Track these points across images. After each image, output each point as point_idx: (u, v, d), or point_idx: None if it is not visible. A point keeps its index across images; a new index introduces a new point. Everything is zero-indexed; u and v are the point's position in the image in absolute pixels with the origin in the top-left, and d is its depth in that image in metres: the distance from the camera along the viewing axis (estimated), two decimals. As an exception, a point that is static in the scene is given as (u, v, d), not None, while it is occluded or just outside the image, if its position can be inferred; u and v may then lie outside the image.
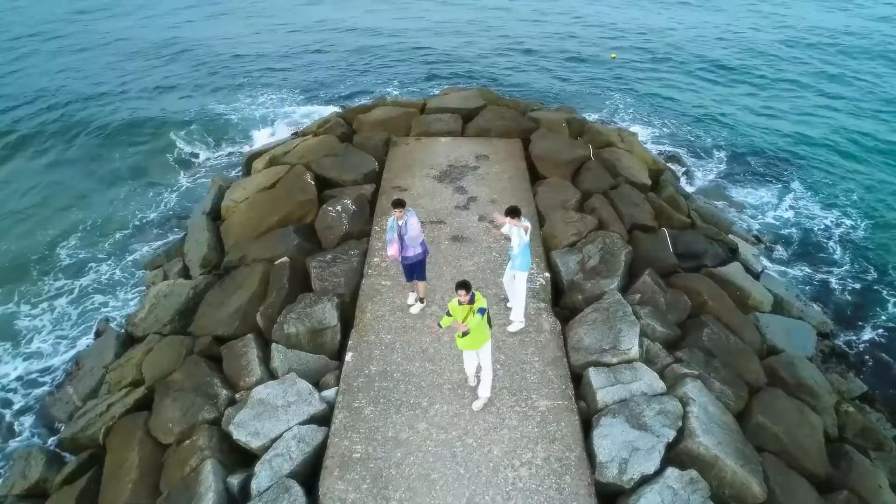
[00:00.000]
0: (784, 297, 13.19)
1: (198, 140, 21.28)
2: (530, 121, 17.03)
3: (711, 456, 8.10)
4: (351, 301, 10.99)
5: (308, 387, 9.17)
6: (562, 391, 9.17)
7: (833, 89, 24.90)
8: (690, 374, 9.36)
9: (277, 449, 8.27)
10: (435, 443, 8.37)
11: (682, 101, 24.04)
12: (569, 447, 8.33)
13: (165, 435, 9.19)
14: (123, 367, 11.30)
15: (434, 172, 14.73)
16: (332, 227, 12.68)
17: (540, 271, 11.61)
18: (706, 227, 14.59)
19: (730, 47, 29.81)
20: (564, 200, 13.52)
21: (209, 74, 27.25)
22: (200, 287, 12.35)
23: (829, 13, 34.81)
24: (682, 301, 11.31)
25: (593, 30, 33.77)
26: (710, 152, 20.18)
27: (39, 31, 33.05)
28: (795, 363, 10.82)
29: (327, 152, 15.31)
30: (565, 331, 10.38)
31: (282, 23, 35.54)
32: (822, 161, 19.66)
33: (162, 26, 33.35)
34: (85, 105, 23.92)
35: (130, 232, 16.69)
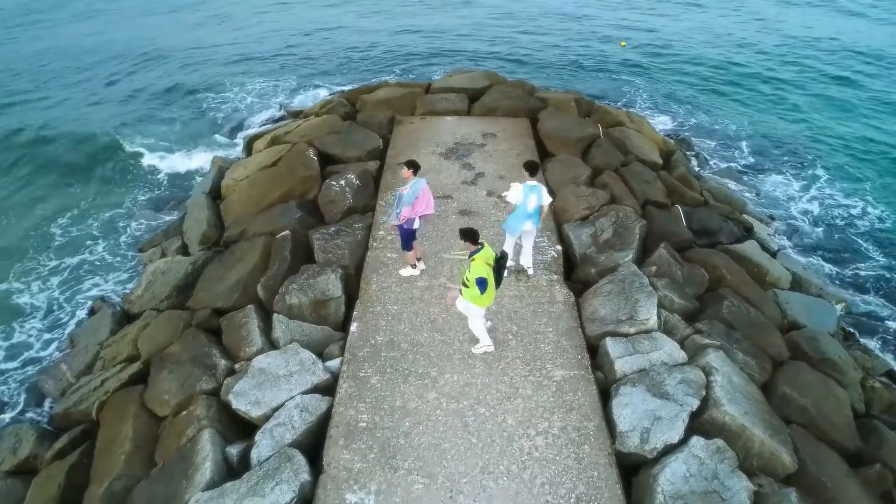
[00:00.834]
0: (802, 276, 12.77)
1: (196, 125, 20.90)
2: (538, 100, 16.64)
3: (738, 425, 7.66)
4: (356, 273, 10.57)
5: (311, 356, 8.74)
6: (577, 361, 8.74)
7: (850, 82, 24.55)
8: (712, 345, 8.93)
9: (279, 418, 7.83)
10: (445, 412, 7.93)
11: (692, 90, 23.64)
12: (587, 417, 7.90)
13: (161, 407, 8.75)
14: (119, 342, 10.86)
15: (440, 149, 14.32)
16: (335, 201, 12.26)
17: (551, 244, 11.19)
18: (720, 206, 14.18)
19: (742, 42, 29.49)
20: (575, 176, 13.12)
21: (207, 64, 26.88)
22: (199, 262, 11.92)
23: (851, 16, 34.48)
24: (699, 274, 10.88)
25: (603, 16, 33.47)
26: (721, 139, 19.76)
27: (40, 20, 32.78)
28: (818, 338, 10.39)
29: (330, 130, 14.91)
30: (579, 303, 9.95)
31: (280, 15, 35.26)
32: (839, 150, 19.23)
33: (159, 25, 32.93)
34: (76, 91, 23.59)
35: (126, 213, 16.24)
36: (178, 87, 23.98)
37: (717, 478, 7.07)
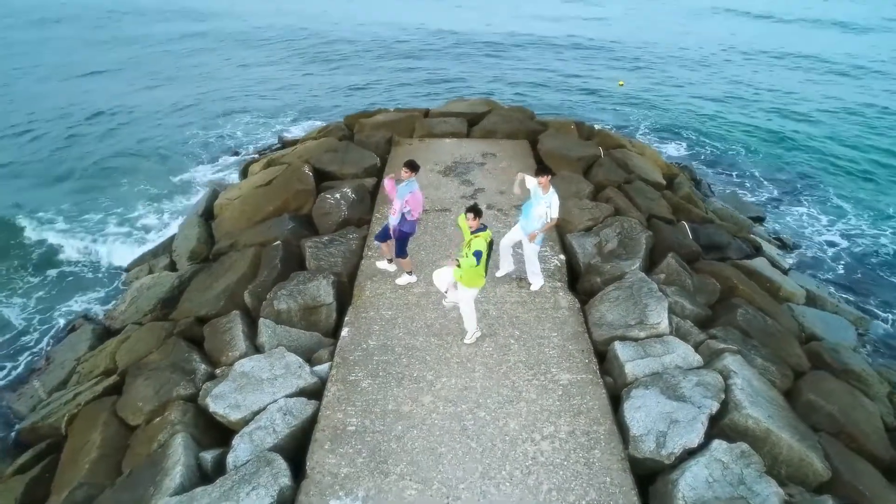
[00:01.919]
0: (817, 293, 12.23)
1: (193, 155, 20.70)
2: (538, 124, 16.49)
3: (763, 430, 6.99)
4: (349, 281, 10.05)
5: (298, 360, 8.12)
6: (585, 365, 8.11)
7: (852, 110, 24.63)
8: (729, 349, 8.32)
9: (260, 422, 7.16)
10: (442, 416, 7.27)
11: (692, 122, 23.64)
12: (596, 421, 7.23)
13: (134, 415, 8.06)
14: (96, 356, 10.24)
15: (439, 167, 14.02)
16: (329, 213, 11.85)
17: (554, 253, 10.71)
18: (727, 225, 13.75)
19: (741, 73, 29.84)
20: (577, 191, 12.74)
21: (201, 93, 27.04)
22: (186, 276, 11.41)
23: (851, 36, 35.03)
24: (710, 283, 10.36)
25: (600, 54, 34.02)
26: (723, 167, 19.56)
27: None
28: (840, 350, 9.78)
29: (327, 150, 14.65)
30: (585, 310, 9.39)
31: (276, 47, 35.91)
32: (842, 179, 19.00)
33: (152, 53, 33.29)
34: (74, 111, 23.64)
35: (115, 238, 15.77)
36: (178, 120, 24.00)
37: (744, 483, 6.37)
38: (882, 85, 27.95)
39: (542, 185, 8.90)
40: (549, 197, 8.88)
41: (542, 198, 8.90)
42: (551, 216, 8.90)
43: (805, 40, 35.44)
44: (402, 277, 9.82)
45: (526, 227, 9.21)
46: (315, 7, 45.85)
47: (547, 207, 8.86)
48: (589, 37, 37.30)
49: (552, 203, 8.88)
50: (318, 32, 37.89)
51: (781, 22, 41.53)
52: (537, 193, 8.98)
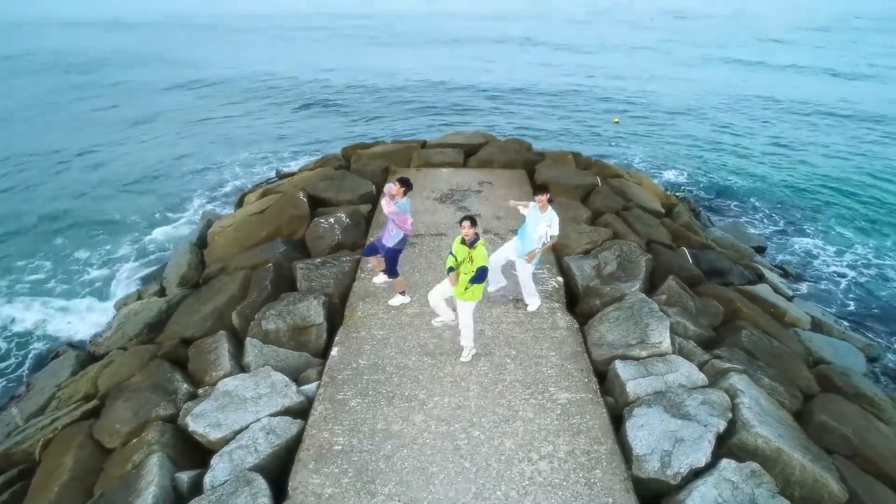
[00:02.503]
0: (822, 320, 11.90)
1: (189, 189, 20.67)
2: (535, 155, 16.47)
3: (773, 449, 6.60)
4: (340, 302, 9.76)
5: (284, 379, 7.77)
6: (584, 384, 7.75)
7: (849, 146, 24.76)
8: (735, 368, 7.97)
9: (241, 441, 6.77)
10: (434, 435, 6.88)
11: (691, 156, 23.73)
12: (597, 440, 6.83)
13: (111, 438, 7.65)
14: (77, 382, 9.85)
15: (435, 195, 13.89)
16: (323, 237, 11.65)
17: (552, 276, 10.45)
18: (728, 252, 13.54)
19: (735, 106, 30.17)
20: (575, 216, 12.57)
21: (200, 132, 27.26)
22: (175, 300, 11.11)
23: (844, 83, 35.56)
24: (712, 306, 10.06)
25: (596, 91, 34.48)
26: (723, 200, 19.48)
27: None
28: (850, 373, 9.41)
29: (324, 178, 14.57)
30: (584, 330, 9.07)
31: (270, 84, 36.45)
32: (844, 211, 18.89)
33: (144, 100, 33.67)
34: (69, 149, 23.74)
35: (109, 270, 15.53)
36: (172, 160, 24.05)
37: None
38: (876, 128, 28.17)
39: (542, 203, 8.70)
40: (549, 215, 8.68)
41: (541, 217, 8.68)
42: (552, 234, 8.69)
43: (799, 87, 35.99)
44: (395, 298, 9.55)
45: (522, 250, 8.98)
46: (313, 56, 46.87)
47: (547, 226, 8.65)
48: (585, 81, 37.91)
49: (552, 221, 8.67)
50: (318, 79, 38.49)
51: (775, 69, 42.31)
52: (536, 213, 8.78)
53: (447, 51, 50.42)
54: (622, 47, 52.64)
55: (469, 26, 68.07)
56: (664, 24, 73.22)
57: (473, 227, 7.36)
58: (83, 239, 17.26)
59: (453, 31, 64.06)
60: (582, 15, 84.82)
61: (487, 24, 71.19)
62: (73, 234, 17.51)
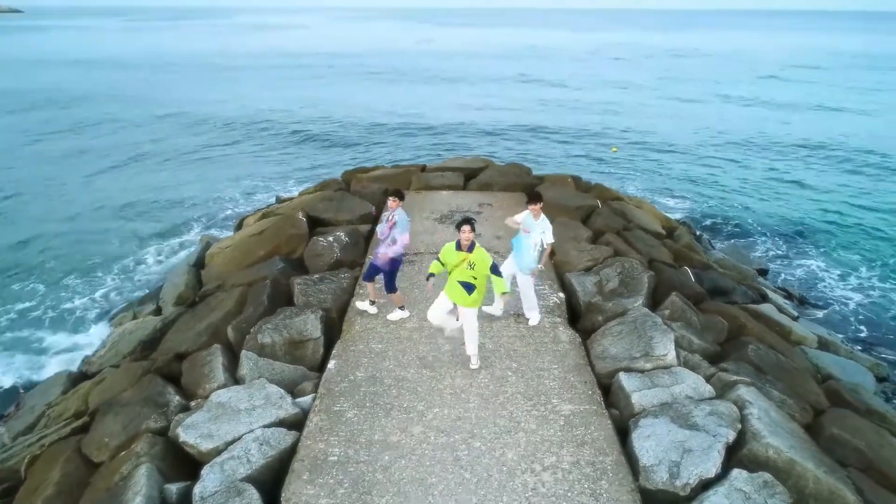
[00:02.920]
0: (829, 339, 11.70)
1: (189, 214, 20.66)
2: (535, 178, 16.49)
3: (785, 460, 6.35)
4: (338, 317, 9.59)
5: (279, 391, 7.55)
6: (588, 396, 7.54)
7: (850, 172, 24.87)
8: (742, 381, 7.76)
9: (233, 451, 6.53)
10: (433, 446, 6.64)
11: (687, 184, 23.80)
12: (602, 451, 6.59)
13: (99, 451, 7.39)
14: (68, 399, 9.61)
15: (435, 216, 13.84)
16: (321, 255, 11.54)
17: (553, 291, 10.30)
18: (731, 273, 13.40)
19: (732, 139, 30.38)
20: (576, 236, 12.49)
21: (199, 162, 27.40)
22: (170, 318, 10.95)
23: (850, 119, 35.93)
24: (717, 322, 9.88)
25: (593, 125, 34.80)
26: (723, 224, 19.44)
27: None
28: (860, 390, 9.18)
29: (323, 199, 14.55)
30: (586, 344, 8.88)
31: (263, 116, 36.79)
32: (848, 236, 18.81)
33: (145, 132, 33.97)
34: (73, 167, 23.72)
35: (106, 295, 15.35)
36: (172, 186, 24.12)
37: (770, 514, 5.68)
38: (871, 160, 28.33)
39: (534, 212, 8.69)
40: (542, 223, 8.66)
41: (534, 225, 8.65)
42: (546, 242, 8.61)
43: (793, 121, 36.37)
44: (394, 313, 9.40)
45: (519, 262, 8.91)
46: (313, 92, 47.51)
47: (541, 234, 8.60)
48: (584, 116, 38.37)
49: (546, 229, 8.63)
50: (318, 114, 38.89)
51: (770, 105, 42.86)
52: (530, 221, 8.74)
53: (446, 87, 51.14)
54: (620, 84, 53.48)
55: (468, 64, 69.24)
56: (661, 63, 74.57)
57: (473, 231, 7.29)
58: (79, 264, 17.08)
59: (451, 69, 65.04)
60: (581, 54, 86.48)
61: (486, 62, 72.49)
62: (69, 260, 17.34)
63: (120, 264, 16.95)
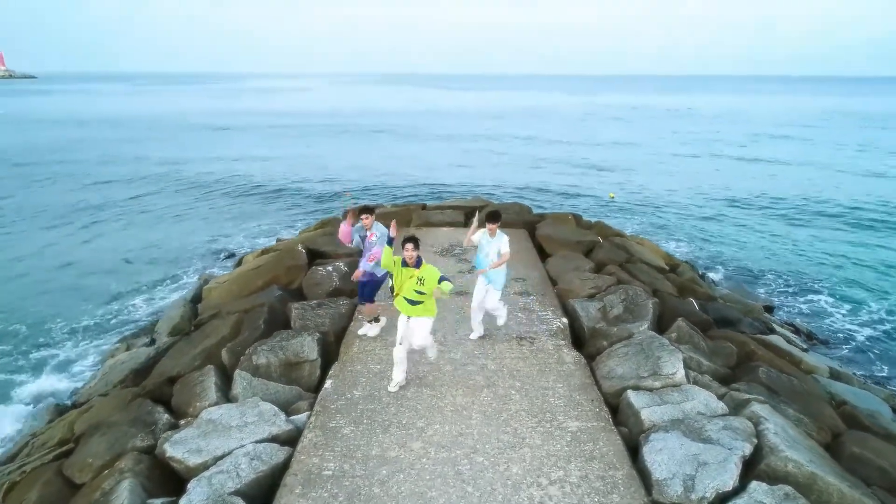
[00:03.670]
0: (841, 371, 11.35)
1: (190, 255, 20.57)
2: (536, 216, 16.48)
3: (806, 474, 6.00)
4: (336, 341, 9.33)
5: (273, 408, 7.24)
6: (595, 413, 7.22)
7: (853, 210, 24.89)
8: (756, 399, 7.46)
9: (222, 466, 6.18)
10: (433, 461, 6.30)
11: (687, 226, 23.82)
12: (612, 465, 6.24)
13: (82, 472, 7.01)
14: (54, 428, 9.24)
15: (435, 249, 13.75)
16: (320, 283, 11.38)
17: (556, 317, 10.07)
18: (737, 306, 13.17)
19: (730, 194, 30.58)
20: (577, 266, 12.35)
21: (198, 207, 27.50)
22: (164, 347, 10.67)
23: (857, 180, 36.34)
24: (726, 347, 9.60)
25: (591, 171, 35.14)
26: (725, 264, 19.30)
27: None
28: (877, 416, 8.81)
29: (323, 234, 14.48)
30: (592, 366, 8.60)
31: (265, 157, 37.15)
32: (855, 273, 18.67)
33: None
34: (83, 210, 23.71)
35: (101, 327, 15.08)
36: (178, 228, 24.15)
37: (794, 527, 5.31)
38: (867, 214, 28.51)
39: (491, 231, 8.73)
40: (499, 238, 8.71)
41: (491, 241, 8.73)
42: (502, 251, 8.64)
43: (792, 178, 36.70)
44: (364, 327, 9.29)
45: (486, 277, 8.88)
46: (310, 150, 48.27)
47: (498, 246, 8.66)
48: (582, 168, 38.92)
49: (502, 241, 8.68)
50: (317, 173, 39.38)
51: (767, 161, 43.49)
52: (486, 239, 8.80)
53: (443, 144, 51.87)
54: (616, 140, 54.48)
55: (465, 123, 70.59)
56: (656, 121, 76.27)
57: (416, 249, 7.27)
58: (72, 307, 16.81)
59: (449, 127, 66.16)
60: (578, 114, 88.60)
61: (483, 121, 73.98)
62: (62, 305, 17.06)
63: (117, 305, 16.67)
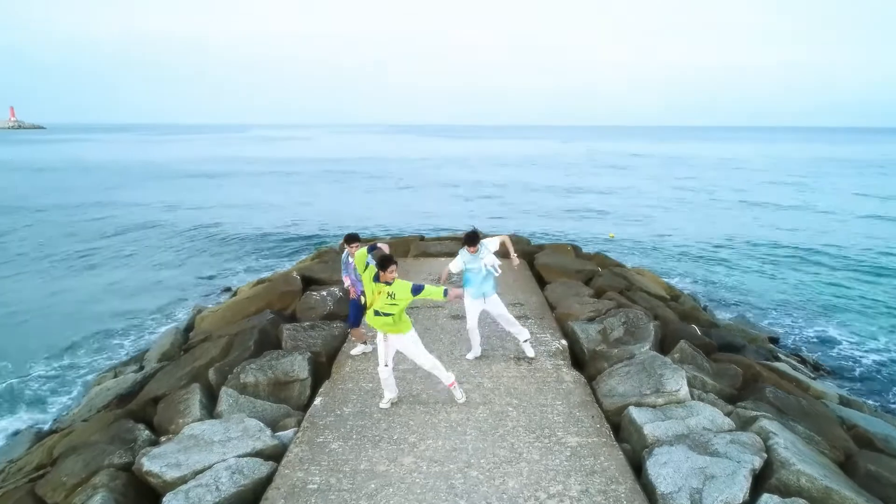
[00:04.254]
0: (850, 398, 10.98)
1: (185, 289, 20.34)
2: (534, 247, 16.34)
3: (821, 489, 5.66)
4: (328, 362, 9.05)
5: (258, 424, 6.92)
6: (596, 429, 6.89)
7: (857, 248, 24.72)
8: (764, 415, 7.14)
9: (201, 480, 5.84)
10: (425, 475, 5.95)
11: (687, 263, 23.63)
12: (614, 480, 5.89)
13: (55, 491, 6.64)
14: (32, 453, 8.86)
15: (432, 277, 13.54)
16: (314, 307, 11.15)
17: (555, 339, 9.80)
18: (740, 334, 12.87)
19: (728, 236, 30.53)
20: (577, 293, 12.13)
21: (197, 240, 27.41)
22: (151, 372, 10.37)
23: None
24: (731, 368, 9.28)
25: (590, 212, 35.15)
26: (727, 297, 19.03)
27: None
28: (890, 440, 8.43)
29: (319, 262, 14.32)
30: (592, 385, 8.29)
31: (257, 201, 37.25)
32: (862, 306, 18.37)
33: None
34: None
35: (95, 361, 14.70)
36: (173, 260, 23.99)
37: (810, 539, 4.94)
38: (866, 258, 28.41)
39: (472, 251, 8.41)
40: (482, 252, 8.42)
41: (476, 256, 8.41)
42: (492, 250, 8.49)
43: (792, 223, 36.81)
44: (357, 347, 9.07)
45: (477, 291, 8.54)
46: (309, 197, 48.49)
47: (485, 256, 8.41)
48: (578, 204, 39.07)
49: (488, 250, 8.47)
50: (317, 218, 39.69)
51: (764, 206, 43.73)
52: (470, 257, 8.49)
53: (441, 192, 52.02)
54: (614, 185, 54.89)
55: (460, 172, 70.96)
56: (653, 168, 77.08)
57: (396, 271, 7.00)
58: (59, 339, 16.48)
59: (445, 175, 66.24)
60: (578, 160, 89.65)
61: (479, 169, 74.58)
62: (49, 336, 16.78)
63: (109, 338, 16.30)
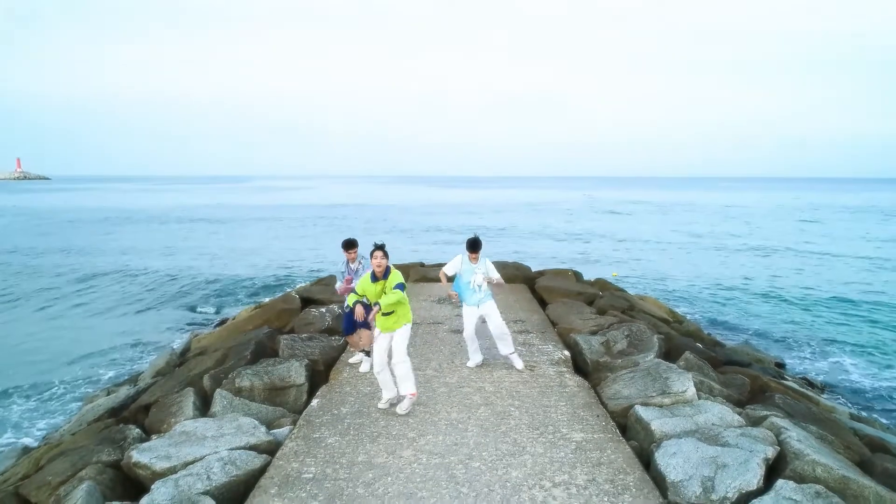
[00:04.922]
0: (861, 416, 10.71)
1: (183, 317, 20.14)
2: (535, 273, 16.25)
3: (837, 478, 5.43)
4: (325, 369, 8.85)
5: (253, 422, 6.70)
6: (602, 426, 6.68)
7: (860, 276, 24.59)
8: (775, 414, 6.93)
9: (192, 470, 5.61)
10: (425, 466, 5.72)
11: (690, 297, 23.47)
12: (622, 470, 5.67)
13: (39, 490, 6.36)
14: (18, 465, 8.55)
15: (433, 298, 13.45)
16: (312, 323, 10.99)
17: (558, 349, 9.61)
18: (746, 356, 12.65)
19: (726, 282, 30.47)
20: (580, 311, 11.99)
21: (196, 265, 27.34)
22: (144, 386, 10.13)
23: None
24: (738, 378, 9.09)
25: (592, 254, 35.10)
26: (732, 327, 18.81)
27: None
28: (905, 449, 8.16)
29: (318, 286, 14.22)
30: (597, 390, 8.07)
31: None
32: (867, 333, 18.15)
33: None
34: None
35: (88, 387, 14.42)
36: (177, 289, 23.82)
37: (829, 523, 4.71)
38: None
39: (473, 259, 8.30)
40: (481, 264, 8.31)
41: (474, 266, 8.29)
42: (491, 276, 8.36)
43: (794, 267, 36.89)
44: (356, 356, 8.83)
45: (472, 300, 8.41)
46: (312, 242, 48.57)
47: (483, 272, 8.28)
48: (581, 247, 39.15)
49: (487, 268, 8.34)
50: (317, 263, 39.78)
51: (761, 250, 43.85)
52: (467, 264, 8.36)
53: (443, 236, 52.19)
54: (615, 229, 55.14)
55: (463, 218, 71.47)
56: (655, 214, 77.64)
57: (385, 258, 6.84)
58: (51, 370, 16.23)
59: (448, 223, 66.53)
60: (579, 207, 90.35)
61: (484, 215, 75.14)
62: (47, 363, 16.54)
63: (102, 369, 16.10)
